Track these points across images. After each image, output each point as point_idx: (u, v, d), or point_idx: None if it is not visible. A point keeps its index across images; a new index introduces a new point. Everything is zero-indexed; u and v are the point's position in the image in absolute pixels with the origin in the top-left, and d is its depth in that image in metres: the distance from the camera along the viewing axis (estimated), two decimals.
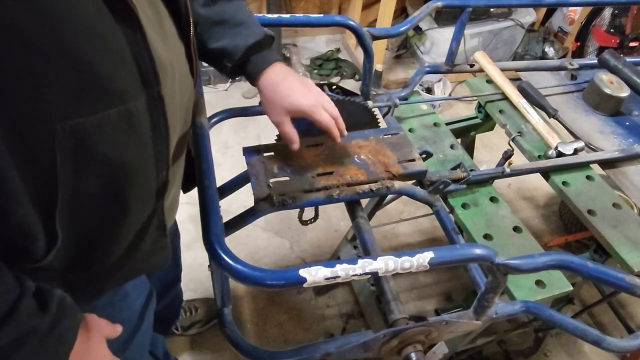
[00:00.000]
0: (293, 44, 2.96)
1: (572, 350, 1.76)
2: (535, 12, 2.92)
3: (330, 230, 2.03)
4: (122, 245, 0.65)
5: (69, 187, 0.53)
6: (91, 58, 0.48)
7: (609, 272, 0.71)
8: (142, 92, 0.55)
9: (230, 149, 2.31)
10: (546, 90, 1.37)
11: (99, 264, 0.65)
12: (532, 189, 2.33)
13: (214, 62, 0.88)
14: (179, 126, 0.71)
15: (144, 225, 0.67)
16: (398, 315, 0.85)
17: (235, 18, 0.84)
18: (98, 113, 0.51)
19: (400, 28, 1.19)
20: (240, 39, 0.83)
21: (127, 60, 0.53)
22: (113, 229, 0.62)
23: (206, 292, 1.76)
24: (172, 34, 0.65)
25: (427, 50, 2.85)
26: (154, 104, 0.58)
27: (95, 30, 0.48)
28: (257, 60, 0.84)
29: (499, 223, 1.03)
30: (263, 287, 0.63)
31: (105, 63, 0.50)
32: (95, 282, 0.68)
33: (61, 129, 0.49)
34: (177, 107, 0.68)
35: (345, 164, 0.96)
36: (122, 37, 0.51)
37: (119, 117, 0.53)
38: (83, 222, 0.58)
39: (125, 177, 0.58)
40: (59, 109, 0.48)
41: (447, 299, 1.85)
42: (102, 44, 0.49)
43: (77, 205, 0.55)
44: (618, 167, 1.20)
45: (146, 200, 0.65)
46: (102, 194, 0.57)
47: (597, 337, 0.85)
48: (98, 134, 0.52)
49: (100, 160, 0.54)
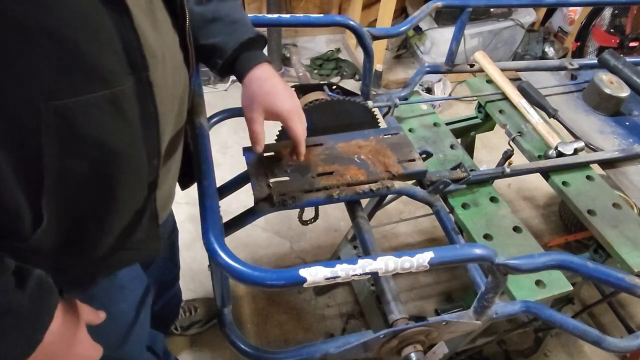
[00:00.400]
0: (293, 44, 2.96)
1: (572, 350, 1.76)
2: (535, 12, 2.92)
3: (330, 230, 2.03)
4: (113, 233, 0.65)
5: (54, 167, 0.53)
6: (76, 39, 0.48)
7: (609, 272, 0.71)
8: (129, 76, 0.55)
9: (230, 149, 2.31)
10: (546, 90, 1.37)
11: (89, 249, 0.65)
12: (532, 189, 2.33)
13: (205, 60, 0.88)
14: (172, 116, 0.71)
15: (137, 215, 0.67)
16: (398, 316, 0.85)
17: (229, 16, 0.85)
18: (83, 95, 0.51)
19: (400, 28, 1.19)
20: (232, 37, 0.83)
21: (114, 43, 0.52)
22: (102, 214, 0.62)
23: (206, 292, 1.76)
24: (165, 21, 0.65)
25: (427, 50, 2.85)
26: (142, 89, 0.58)
27: (81, 12, 0.48)
28: (247, 58, 0.84)
29: (499, 223, 1.03)
30: (263, 287, 0.63)
31: (91, 45, 0.50)
32: (87, 268, 0.68)
33: (45, 109, 0.49)
34: (169, 96, 0.67)
35: (345, 164, 0.96)
36: (108, 21, 0.51)
37: (104, 100, 0.53)
38: (70, 205, 0.58)
39: (113, 161, 0.58)
40: (44, 89, 0.48)
41: (447, 299, 1.85)
42: (88, 25, 0.49)
43: (64, 186, 0.55)
44: (618, 167, 1.20)
45: (137, 188, 0.65)
46: (90, 178, 0.57)
47: (597, 337, 0.85)
48: (83, 115, 0.52)
49: (87, 143, 0.54)
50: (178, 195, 1.03)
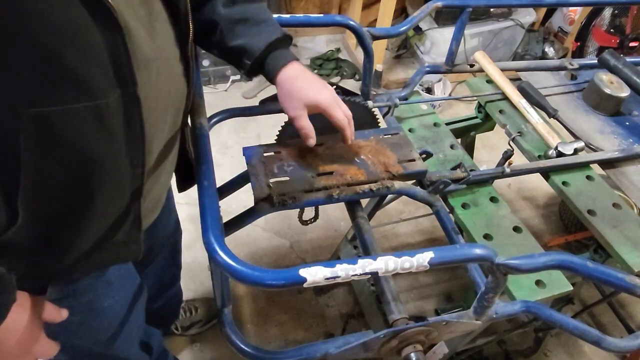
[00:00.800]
0: (293, 44, 2.95)
1: (572, 350, 1.76)
2: (535, 12, 2.91)
3: (330, 230, 2.03)
4: (89, 236, 0.66)
5: (31, 169, 0.54)
6: (62, 52, 0.49)
7: (609, 272, 0.71)
8: (115, 90, 0.56)
9: (230, 149, 2.31)
10: (546, 90, 1.37)
11: (64, 249, 0.65)
12: (532, 189, 2.33)
13: (233, 60, 0.88)
14: (165, 127, 0.71)
15: (118, 220, 0.68)
16: (398, 316, 0.85)
17: (256, 17, 0.86)
18: (64, 105, 0.52)
19: (400, 28, 1.19)
20: (260, 37, 0.84)
21: (102, 58, 0.53)
22: (78, 218, 0.63)
23: (206, 292, 1.76)
24: (165, 32, 0.65)
25: (427, 50, 2.85)
26: (128, 103, 0.58)
27: (69, 26, 0.49)
28: (276, 57, 0.85)
29: (499, 223, 1.03)
30: (263, 287, 0.63)
31: (77, 59, 0.50)
32: (62, 266, 0.68)
33: (26, 115, 0.50)
34: (162, 107, 0.68)
35: (345, 164, 0.96)
36: (98, 36, 0.51)
37: (87, 112, 0.54)
38: (46, 206, 0.59)
39: (91, 170, 0.59)
40: (26, 97, 0.50)
41: (447, 299, 1.85)
42: (75, 40, 0.50)
43: (41, 188, 0.56)
44: (618, 167, 1.20)
45: (116, 196, 0.65)
46: (67, 183, 0.58)
47: (597, 337, 0.85)
48: (63, 124, 0.53)
49: (65, 150, 0.55)
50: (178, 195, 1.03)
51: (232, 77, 2.67)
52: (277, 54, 0.86)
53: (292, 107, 0.85)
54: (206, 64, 2.57)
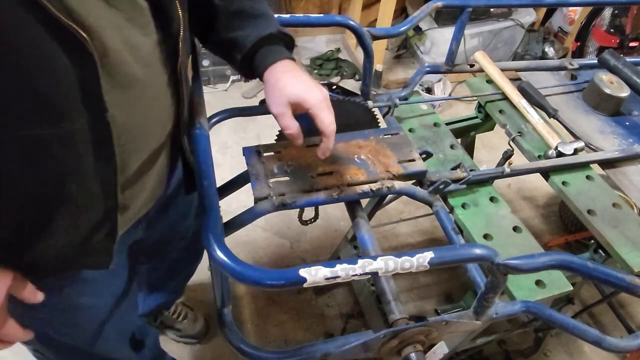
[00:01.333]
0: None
1: (572, 350, 1.76)
2: (535, 12, 2.91)
3: (330, 230, 2.03)
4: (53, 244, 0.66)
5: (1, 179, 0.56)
6: (28, 79, 0.50)
7: (609, 272, 0.71)
8: (83, 115, 0.56)
9: (230, 149, 2.31)
10: (546, 90, 1.37)
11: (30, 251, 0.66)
12: (532, 189, 2.33)
13: (225, 54, 0.86)
14: (145, 144, 0.70)
15: (91, 230, 0.68)
16: (398, 315, 0.85)
17: (253, 10, 0.82)
18: (30, 130, 0.53)
19: (400, 28, 1.19)
20: (253, 30, 0.80)
21: (70, 85, 0.53)
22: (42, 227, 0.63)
23: (206, 292, 1.76)
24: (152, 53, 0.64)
25: (427, 50, 2.85)
26: (97, 128, 0.58)
27: (36, 54, 0.49)
28: (267, 53, 0.81)
29: (499, 223, 1.03)
30: (263, 287, 0.63)
31: (43, 85, 0.51)
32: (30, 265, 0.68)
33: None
34: (143, 125, 0.67)
35: (345, 164, 0.95)
36: (67, 63, 0.52)
37: (52, 136, 0.55)
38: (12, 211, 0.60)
39: (55, 188, 0.60)
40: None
41: (447, 299, 1.85)
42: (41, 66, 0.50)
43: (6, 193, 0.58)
44: (618, 167, 1.20)
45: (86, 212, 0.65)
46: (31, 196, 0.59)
47: (597, 337, 0.85)
48: (29, 148, 0.54)
49: (31, 170, 0.56)
50: None
51: (232, 77, 2.67)
52: (269, 49, 0.81)
53: (275, 104, 0.77)
54: (206, 63, 2.57)
